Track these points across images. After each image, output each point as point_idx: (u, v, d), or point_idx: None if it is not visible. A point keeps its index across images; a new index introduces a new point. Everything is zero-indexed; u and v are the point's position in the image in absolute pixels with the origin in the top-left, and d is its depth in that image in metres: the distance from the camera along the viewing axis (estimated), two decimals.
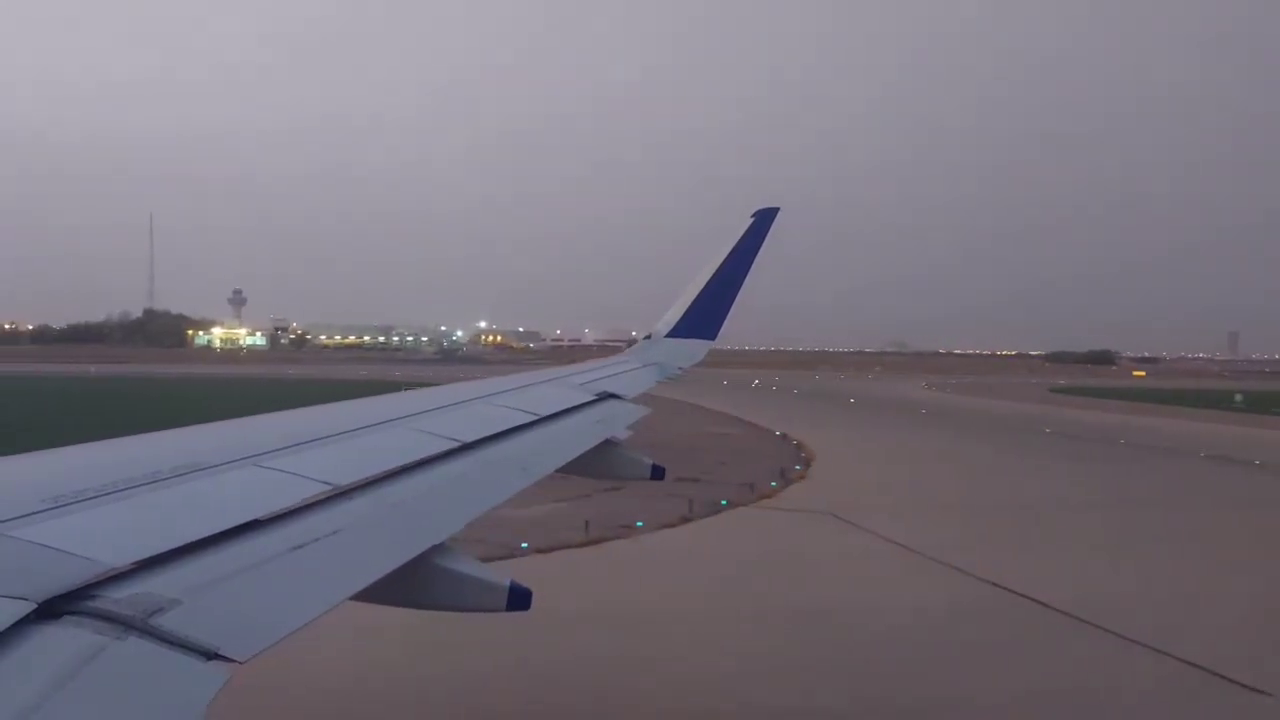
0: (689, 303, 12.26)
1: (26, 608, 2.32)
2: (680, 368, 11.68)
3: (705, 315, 12.14)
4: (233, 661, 2.45)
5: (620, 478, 7.81)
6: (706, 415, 71.54)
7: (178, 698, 2.25)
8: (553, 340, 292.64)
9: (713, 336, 12.25)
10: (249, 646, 2.56)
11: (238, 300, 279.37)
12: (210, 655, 2.42)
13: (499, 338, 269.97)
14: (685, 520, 30.08)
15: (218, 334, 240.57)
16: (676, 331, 12.22)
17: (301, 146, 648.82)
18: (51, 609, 2.38)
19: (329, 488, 3.98)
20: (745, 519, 30.90)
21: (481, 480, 5.05)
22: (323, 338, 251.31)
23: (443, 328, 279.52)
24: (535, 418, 6.79)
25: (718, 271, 12.17)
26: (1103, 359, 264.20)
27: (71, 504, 3.10)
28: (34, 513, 2.95)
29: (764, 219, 12.25)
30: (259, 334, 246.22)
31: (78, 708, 2.07)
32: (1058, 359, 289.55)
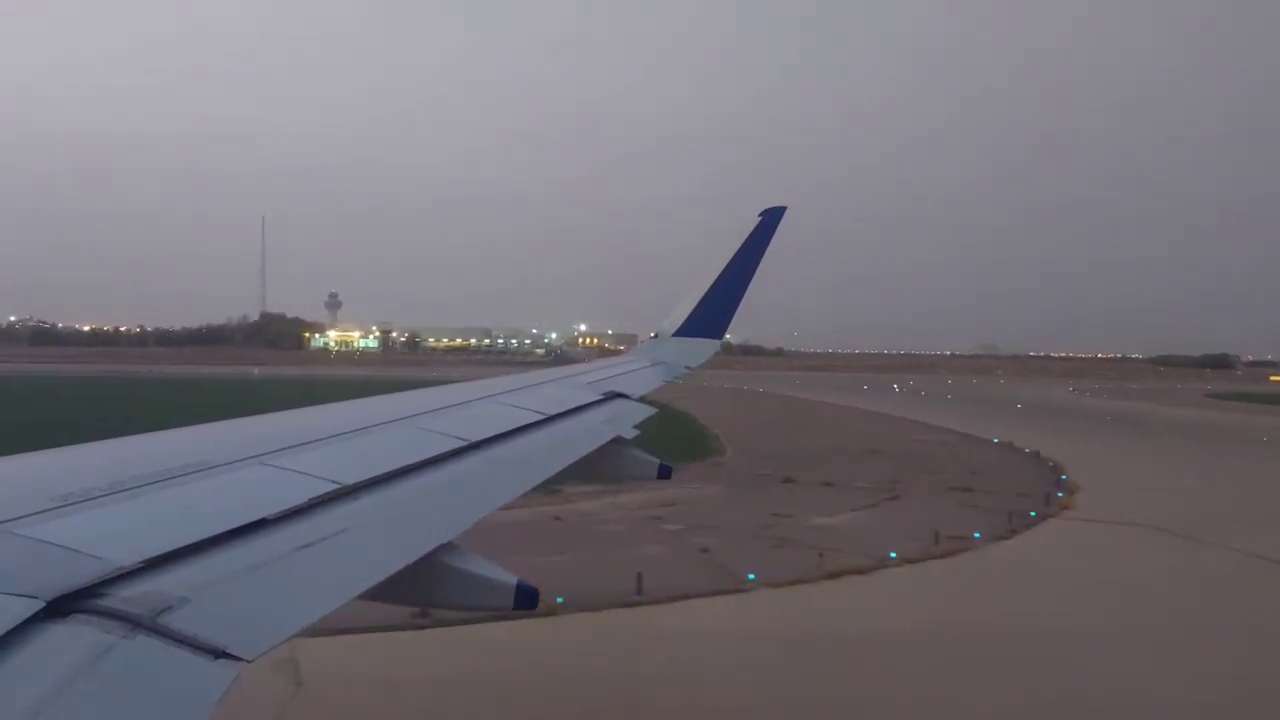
0: (696, 302, 12.00)
1: (35, 606, 2.30)
2: (687, 367, 11.49)
3: (712, 314, 11.90)
4: (241, 660, 2.41)
5: (627, 478, 7.64)
6: (888, 421, 70.65)
7: (186, 696, 2.22)
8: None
9: (720, 336, 12.04)
10: (257, 645, 2.52)
11: (333, 303, 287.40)
12: (218, 654, 2.39)
13: (596, 340, 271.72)
14: (1013, 532, 29.28)
15: (333, 336, 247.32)
16: (684, 331, 11.97)
17: (370, 146, 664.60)
18: (60, 607, 2.36)
19: (337, 486, 3.91)
20: (1075, 532, 30.12)
21: (489, 479, 4.96)
22: (430, 340, 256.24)
23: (534, 330, 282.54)
24: (543, 416, 6.70)
25: (725, 271, 11.90)
26: (1221, 363, 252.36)
27: (80, 502, 3.09)
28: (42, 511, 2.93)
29: (771, 218, 11.97)
30: (371, 336, 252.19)
31: (86, 706, 2.04)
32: (1168, 362, 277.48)
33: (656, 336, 12.44)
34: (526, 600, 4.02)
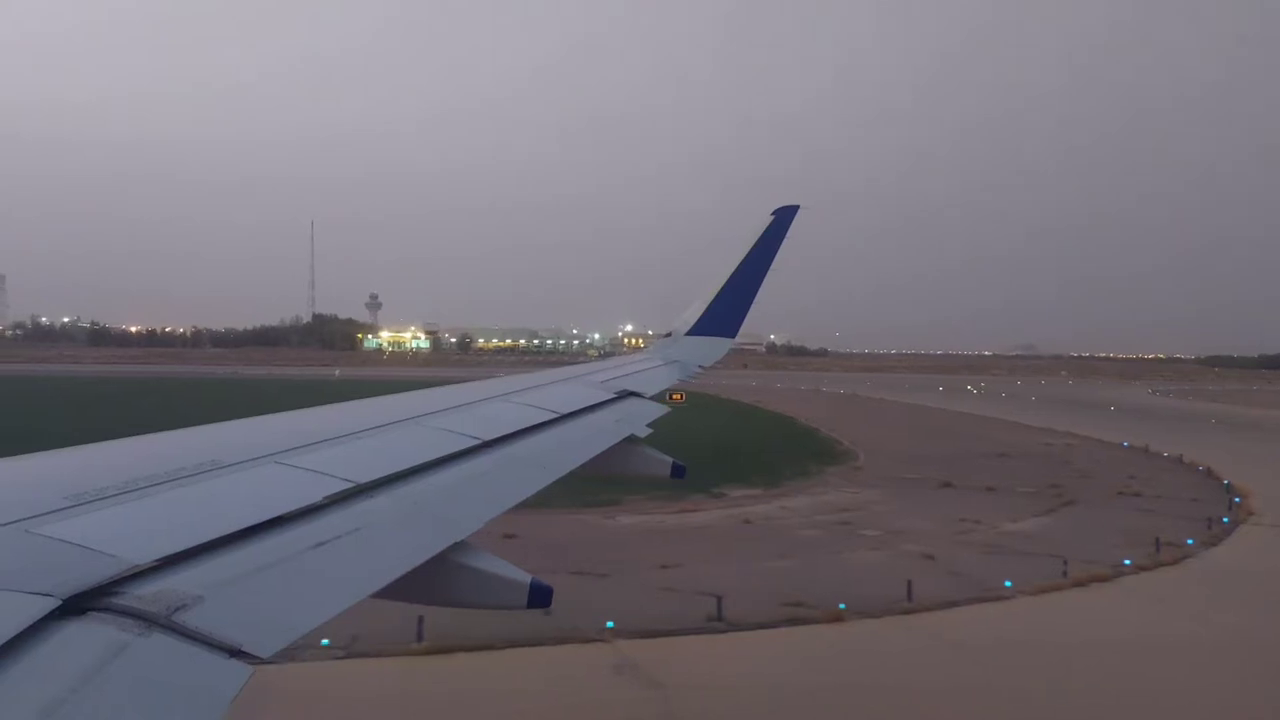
0: (709, 301, 12.01)
1: (51, 604, 2.33)
2: (700, 366, 11.42)
3: (726, 313, 11.89)
4: (255, 658, 2.44)
5: (640, 476, 7.50)
6: (992, 423, 70.05)
7: (201, 694, 2.23)
8: None
9: (733, 334, 11.98)
10: (271, 643, 2.55)
11: (374, 304, 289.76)
12: (233, 652, 2.42)
13: (640, 340, 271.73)
14: (1218, 539, 29.07)
15: (385, 337, 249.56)
16: (697, 329, 11.98)
17: (409, 151, 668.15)
18: (76, 606, 2.39)
19: (350, 485, 3.94)
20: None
21: (502, 478, 4.95)
22: (480, 341, 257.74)
23: (574, 330, 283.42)
24: (555, 416, 6.66)
25: (738, 270, 11.86)
26: (1278, 364, 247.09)
27: (95, 501, 3.12)
28: (58, 510, 2.96)
29: (784, 217, 11.90)
30: (423, 337, 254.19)
31: (102, 704, 2.06)
32: (1220, 363, 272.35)
33: (670, 335, 12.51)
34: (540, 599, 4.00)
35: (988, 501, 35.59)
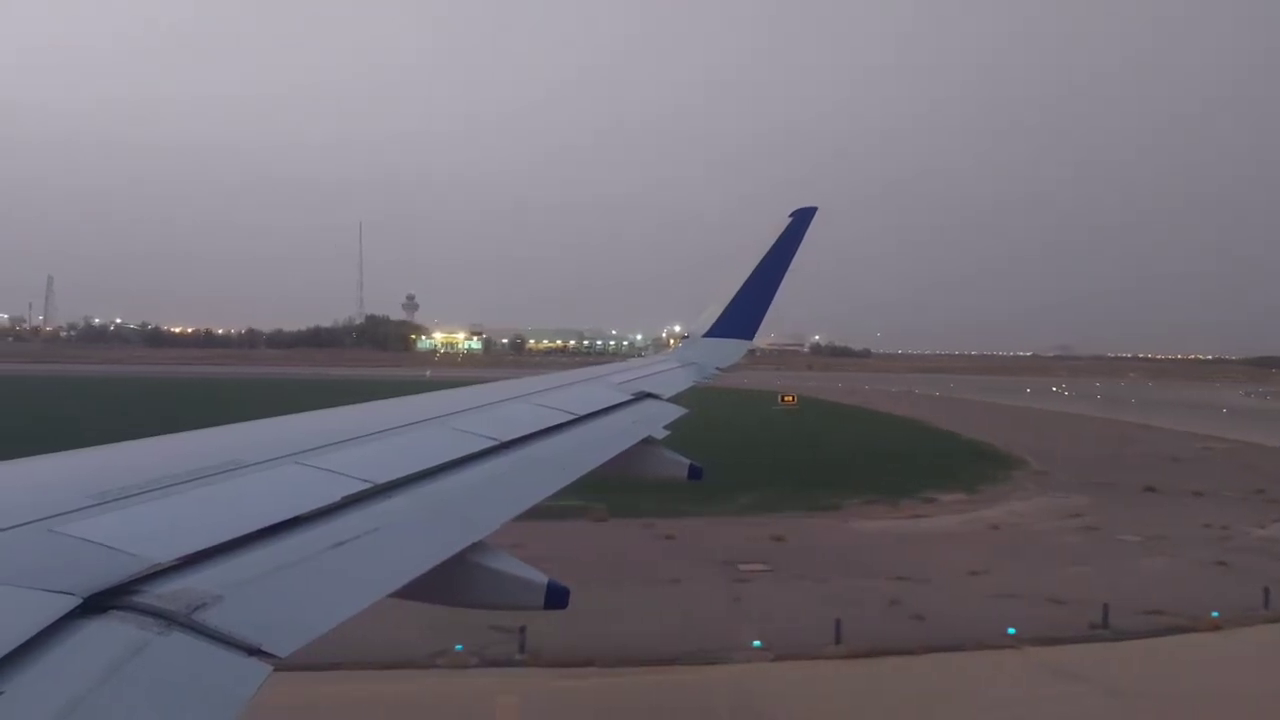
0: (727, 302, 11.95)
1: (72, 602, 2.36)
2: (718, 367, 11.44)
3: (743, 315, 11.81)
4: (274, 657, 2.47)
5: (658, 478, 7.47)
6: (1121, 425, 69.75)
7: (220, 693, 2.27)
8: None
9: (751, 336, 11.95)
10: (290, 642, 2.58)
11: (410, 305, 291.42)
12: (252, 651, 2.45)
13: (677, 342, 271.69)
14: None
15: (439, 339, 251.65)
16: (715, 331, 11.90)
17: (439, 154, 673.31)
18: (97, 604, 2.42)
19: (369, 485, 3.99)
20: None
21: (520, 479, 4.98)
22: (530, 342, 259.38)
23: (613, 331, 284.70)
24: (573, 417, 6.66)
25: (755, 271, 11.79)
26: None
27: (117, 500, 3.18)
28: (80, 509, 3.02)
29: (802, 218, 11.84)
30: (475, 339, 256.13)
31: (122, 702, 2.09)
32: (1273, 364, 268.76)
33: (688, 337, 12.56)
34: (557, 600, 4.00)
35: (1209, 506, 35.58)
